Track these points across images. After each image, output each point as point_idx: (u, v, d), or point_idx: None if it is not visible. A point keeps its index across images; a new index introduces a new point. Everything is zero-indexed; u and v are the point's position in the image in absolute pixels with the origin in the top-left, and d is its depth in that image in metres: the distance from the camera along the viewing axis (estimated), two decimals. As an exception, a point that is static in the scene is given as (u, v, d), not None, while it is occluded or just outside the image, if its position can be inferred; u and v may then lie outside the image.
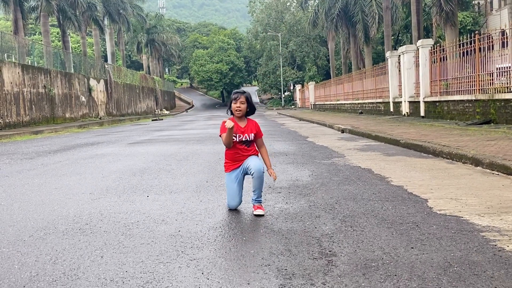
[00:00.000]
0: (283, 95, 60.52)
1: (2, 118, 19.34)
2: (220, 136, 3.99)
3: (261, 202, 3.95)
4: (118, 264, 2.77)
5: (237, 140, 3.95)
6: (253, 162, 3.92)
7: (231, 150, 4.00)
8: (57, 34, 54.58)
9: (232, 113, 4.00)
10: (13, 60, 22.57)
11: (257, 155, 4.07)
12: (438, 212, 3.73)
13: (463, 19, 39.22)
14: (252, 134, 4.00)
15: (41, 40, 35.75)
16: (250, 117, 4.11)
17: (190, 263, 2.74)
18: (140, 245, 3.13)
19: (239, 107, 3.92)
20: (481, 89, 12.12)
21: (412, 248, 2.86)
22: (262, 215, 3.81)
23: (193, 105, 67.71)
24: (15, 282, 2.53)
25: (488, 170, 5.55)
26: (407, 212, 3.76)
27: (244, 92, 4.00)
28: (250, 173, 3.89)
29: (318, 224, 3.50)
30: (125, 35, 52.35)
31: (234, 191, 4.00)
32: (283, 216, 3.79)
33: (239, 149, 3.98)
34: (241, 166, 4.00)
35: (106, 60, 45.95)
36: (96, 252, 3.01)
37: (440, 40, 30.66)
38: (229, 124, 3.76)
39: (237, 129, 3.94)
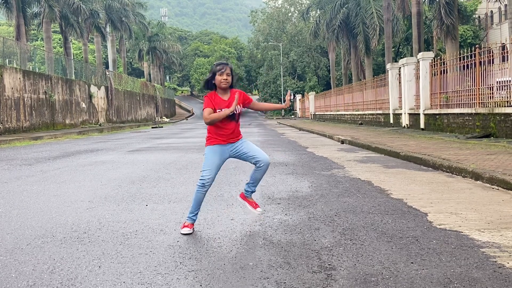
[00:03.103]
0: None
1: (2, 123, 19.33)
2: (203, 109, 3.67)
3: (253, 194, 4.08)
4: (115, 274, 2.75)
5: None
6: (257, 151, 3.82)
7: (217, 128, 3.71)
8: (59, 40, 54.80)
9: (209, 87, 3.69)
10: (15, 65, 22.61)
11: (244, 139, 3.87)
12: (438, 226, 3.71)
13: (463, 32, 39.46)
14: (239, 106, 3.71)
15: (43, 46, 35.88)
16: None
17: (188, 275, 2.72)
18: (138, 255, 3.11)
19: (226, 79, 3.60)
20: (481, 102, 12.14)
21: (412, 263, 2.85)
22: (262, 213, 4.04)
23: (193, 113, 67.75)
24: (12, 292, 2.51)
25: (488, 185, 5.54)
26: (407, 226, 3.75)
27: (227, 63, 3.69)
28: (257, 164, 3.78)
29: (317, 237, 3.48)
30: (127, 42, 52.60)
31: (213, 163, 3.72)
32: (282, 227, 3.77)
33: (225, 124, 3.68)
34: (229, 146, 3.77)
35: (107, 67, 46.10)
36: (94, 261, 2.99)
37: (440, 53, 30.81)
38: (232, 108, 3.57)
39: (221, 103, 3.65)
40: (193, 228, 3.71)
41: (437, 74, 15.01)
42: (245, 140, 3.88)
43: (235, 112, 3.71)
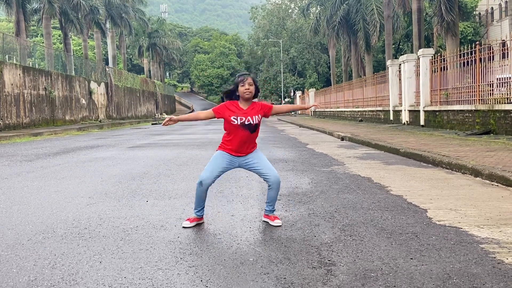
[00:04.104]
0: (283, 102, 60.64)
1: (2, 119, 19.33)
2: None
3: (274, 212, 3.86)
4: (116, 269, 2.76)
5: (239, 123, 3.60)
6: (268, 169, 3.71)
7: (232, 137, 3.66)
8: (59, 36, 54.73)
9: (232, 98, 3.69)
10: (14, 61, 22.60)
11: (258, 150, 3.84)
12: (437, 222, 3.72)
13: (464, 29, 39.40)
14: (257, 117, 3.66)
15: (43, 42, 35.83)
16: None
17: (189, 270, 2.73)
18: (139, 250, 3.13)
19: (248, 89, 3.59)
20: (481, 99, 12.15)
21: (412, 259, 2.86)
22: (280, 226, 3.71)
23: (193, 110, 67.71)
24: (13, 287, 2.52)
25: (488, 181, 5.55)
26: (406, 222, 3.76)
27: (249, 74, 3.73)
28: (267, 182, 3.73)
29: (317, 233, 3.49)
30: (126, 38, 52.53)
31: (216, 167, 3.67)
32: (283, 223, 3.78)
33: (238, 136, 3.64)
34: (239, 158, 3.72)
35: (107, 63, 46.05)
36: (95, 257, 3.00)
37: (440, 49, 30.79)
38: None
39: (237, 111, 3.63)
40: (195, 223, 3.76)
41: (437, 71, 15.01)
42: (258, 153, 3.79)
43: (251, 123, 3.64)
